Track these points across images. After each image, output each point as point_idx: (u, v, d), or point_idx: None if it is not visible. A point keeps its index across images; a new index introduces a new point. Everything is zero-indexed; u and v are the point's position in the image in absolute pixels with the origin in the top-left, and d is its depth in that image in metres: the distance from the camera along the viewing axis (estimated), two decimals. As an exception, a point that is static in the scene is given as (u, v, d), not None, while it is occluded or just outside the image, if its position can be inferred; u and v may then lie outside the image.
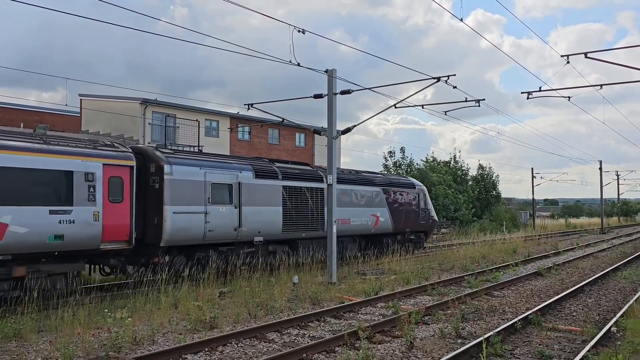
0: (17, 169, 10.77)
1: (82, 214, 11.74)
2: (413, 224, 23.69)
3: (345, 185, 19.68)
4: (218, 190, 14.83)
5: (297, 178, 17.76)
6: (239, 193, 15.34)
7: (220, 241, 14.91)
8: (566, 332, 9.72)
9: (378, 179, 22.44)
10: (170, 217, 13.46)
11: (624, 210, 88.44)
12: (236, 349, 8.34)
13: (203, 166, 14.67)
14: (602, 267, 19.69)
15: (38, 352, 7.99)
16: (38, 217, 11.01)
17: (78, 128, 31.97)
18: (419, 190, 24.51)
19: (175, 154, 14.61)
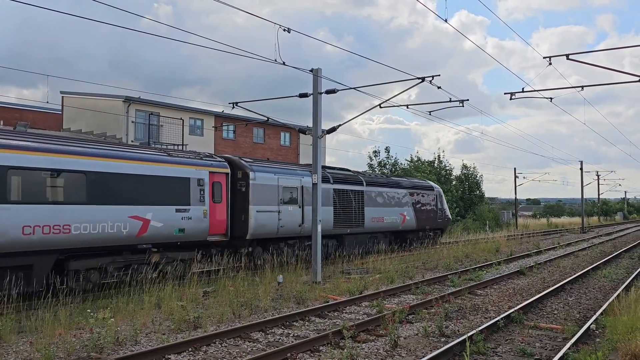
0: (154, 176, 13.67)
1: (196, 212, 14.66)
2: (432, 222, 26.71)
3: (380, 188, 22.81)
4: (287, 192, 17.73)
5: (343, 182, 20.55)
6: (302, 195, 18.16)
7: (289, 235, 17.70)
8: (547, 330, 9.85)
9: (404, 183, 25.60)
10: (254, 215, 16.24)
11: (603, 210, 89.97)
12: (220, 349, 8.30)
13: (276, 172, 17.51)
14: (583, 266, 19.99)
15: (18, 353, 7.85)
16: (168, 214, 13.87)
17: (59, 126, 31.51)
18: (437, 192, 27.70)
19: (256, 163, 17.54)
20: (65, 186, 11.90)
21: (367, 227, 21.69)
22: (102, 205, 12.40)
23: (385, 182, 24.04)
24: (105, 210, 12.44)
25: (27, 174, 11.16)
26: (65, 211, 11.72)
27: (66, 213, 11.71)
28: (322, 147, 16.30)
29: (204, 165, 15.28)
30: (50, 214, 11.41)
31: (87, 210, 12.10)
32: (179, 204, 14.20)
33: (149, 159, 13.76)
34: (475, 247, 25.48)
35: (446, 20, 13.35)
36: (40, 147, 11.55)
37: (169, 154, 14.77)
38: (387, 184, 24.00)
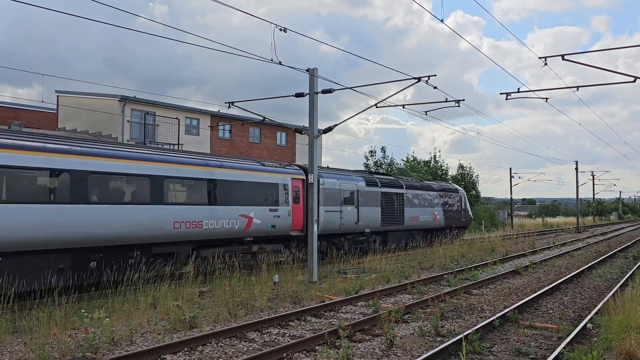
0: (255, 182, 16.77)
1: (283, 212, 17.65)
2: (457, 221, 30.22)
3: (416, 191, 26.12)
4: (346, 195, 20.71)
5: (388, 186, 23.76)
6: (357, 197, 21.22)
7: (347, 231, 20.70)
8: (543, 329, 9.89)
9: (435, 186, 29.02)
10: (323, 214, 19.04)
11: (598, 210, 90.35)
12: (216, 349, 8.29)
13: (338, 178, 20.56)
14: (578, 265, 20.07)
15: (12, 354, 7.82)
16: (264, 213, 16.84)
17: (55, 125, 31.39)
18: (461, 194, 31.32)
19: (324, 170, 20.96)
20: (201, 190, 15.01)
21: (406, 225, 24.90)
22: (222, 206, 15.48)
23: (420, 185, 27.34)
24: (224, 210, 15.50)
25: (178, 181, 14.59)
26: (200, 210, 14.71)
27: (200, 212, 14.68)
28: (318, 146, 16.29)
29: (287, 173, 18.36)
30: (190, 213, 14.39)
31: (212, 210, 15.11)
32: (271, 205, 17.32)
33: (251, 169, 17.02)
34: (471, 246, 25.55)
35: (442, 20, 13.36)
36: (188, 161, 15.02)
37: (263, 163, 17.90)
38: (422, 187, 27.23)
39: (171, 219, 13.77)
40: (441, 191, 28.79)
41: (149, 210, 13.29)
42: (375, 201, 22.40)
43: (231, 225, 15.64)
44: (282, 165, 18.80)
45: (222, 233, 15.40)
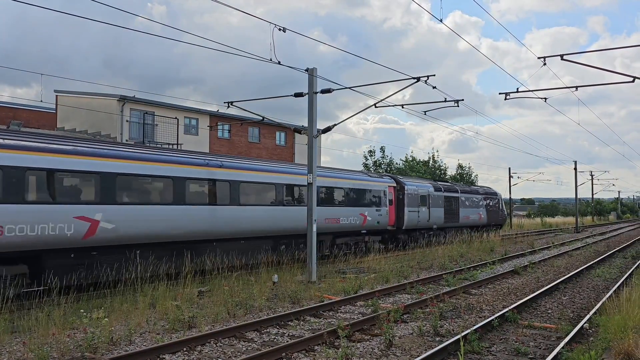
0: (368, 189, 22.64)
1: (384, 211, 23.60)
2: (496, 219, 36.61)
3: (467, 195, 32.22)
4: (422, 198, 26.37)
5: (448, 191, 29.70)
6: (429, 200, 27.09)
7: (422, 227, 26.53)
8: (542, 329, 9.90)
9: (480, 190, 35.19)
10: (407, 213, 25.11)
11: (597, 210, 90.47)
12: (215, 349, 8.29)
13: (417, 185, 26.51)
14: (577, 265, 20.09)
15: (11, 354, 7.81)
16: (374, 212, 22.71)
17: (53, 125, 31.35)
18: (499, 197, 37.64)
19: (407, 179, 27.23)
20: (340, 195, 21.03)
21: (460, 223, 30.78)
22: (351, 207, 21.40)
23: (470, 190, 33.31)
24: (351, 210, 21.36)
25: (329, 189, 20.25)
26: (339, 210, 20.71)
27: (339, 212, 20.66)
28: (317, 146, 16.30)
29: (385, 182, 24.42)
30: (333, 212, 20.23)
31: (345, 210, 20.93)
32: (377, 206, 23.19)
33: (365, 179, 23.16)
34: (470, 246, 25.55)
35: (441, 20, 13.36)
36: (338, 175, 21.23)
37: (370, 175, 24.64)
38: (471, 191, 33.19)
39: (322, 216, 18.85)
40: (484, 194, 34.82)
41: (321, 211, 18.58)
42: (440, 203, 28.41)
43: (355, 222, 21.54)
44: (380, 175, 25.97)
45: (349, 227, 21.29)
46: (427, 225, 26.93)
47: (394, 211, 24.47)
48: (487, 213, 34.51)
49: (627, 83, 14.80)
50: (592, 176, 66.95)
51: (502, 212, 38.17)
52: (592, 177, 67.18)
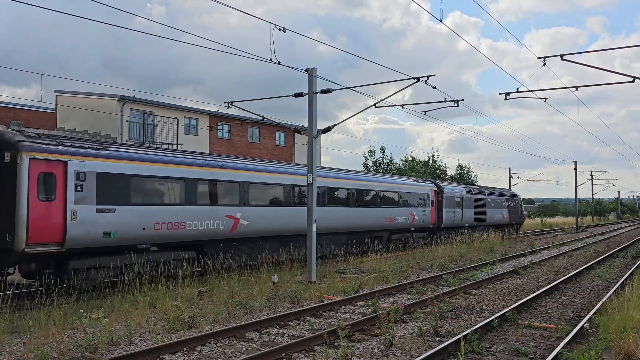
0: (416, 192, 26.36)
1: (428, 211, 27.25)
2: (516, 219, 39.62)
3: (493, 197, 35.53)
4: (457, 200, 30.11)
5: (476, 193, 33.17)
6: (462, 201, 30.67)
7: (457, 226, 30.21)
8: (542, 329, 9.89)
9: (503, 192, 38.55)
10: (445, 214, 28.65)
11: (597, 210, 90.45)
12: (215, 349, 8.28)
13: (452, 189, 30.10)
14: (577, 265, 20.09)
15: (11, 354, 7.81)
16: (420, 212, 26.41)
17: (53, 125, 31.35)
18: (519, 198, 41.03)
19: (444, 183, 30.87)
20: (394, 198, 24.53)
21: (487, 222, 34.02)
22: (403, 208, 25.19)
23: (494, 192, 36.60)
24: (404, 210, 25.15)
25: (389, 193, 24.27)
26: (395, 210, 24.30)
27: (394, 212, 24.21)
28: (317, 146, 16.30)
29: (428, 186, 28.15)
30: (390, 212, 23.89)
31: (399, 210, 24.80)
32: (423, 207, 26.80)
33: (414, 184, 26.98)
34: (470, 246, 25.55)
35: (441, 20, 13.36)
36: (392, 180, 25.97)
37: (416, 180, 28.40)
38: (495, 193, 36.55)
39: (383, 216, 23.38)
40: (507, 196, 38.31)
41: (376, 211, 23.08)
42: (471, 205, 31.94)
43: (406, 220, 25.15)
44: (424, 180, 29.74)
45: (402, 225, 24.85)
46: (460, 224, 30.65)
47: (434, 212, 28.25)
48: (509, 213, 37.87)
49: (627, 83, 14.81)
50: (592, 176, 66.94)
51: (522, 212, 41.57)
52: (592, 177, 67.19)
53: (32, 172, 11.25)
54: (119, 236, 12.71)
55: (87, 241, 12.13)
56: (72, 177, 11.87)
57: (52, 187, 11.59)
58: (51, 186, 11.58)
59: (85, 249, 12.19)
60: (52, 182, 11.59)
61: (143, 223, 13.24)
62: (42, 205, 11.42)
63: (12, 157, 11.27)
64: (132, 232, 12.99)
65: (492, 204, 34.82)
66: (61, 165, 11.75)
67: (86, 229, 12.05)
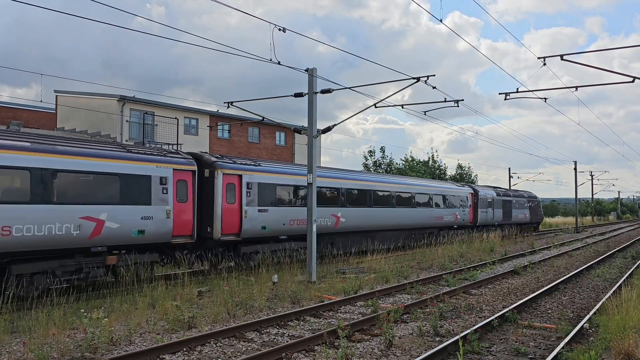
0: (457, 195, 30.33)
1: (467, 212, 31.64)
2: (536, 218, 43.94)
3: (517, 198, 39.83)
4: (489, 202, 34.43)
5: (504, 195, 37.44)
6: (493, 203, 35.01)
7: (489, 224, 34.21)
8: (541, 329, 9.89)
9: (525, 194, 42.52)
10: (480, 213, 32.98)
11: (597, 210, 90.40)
12: (215, 349, 8.29)
13: (486, 192, 34.34)
14: (577, 265, 20.09)
15: (11, 354, 7.81)
16: (462, 212, 30.82)
17: (53, 125, 31.35)
18: (538, 200, 45.28)
19: (479, 187, 35.08)
20: (442, 200, 28.55)
21: (512, 221, 38.24)
22: (449, 208, 29.19)
23: (518, 194, 40.92)
24: (449, 210, 29.28)
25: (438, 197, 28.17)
26: (442, 211, 28.43)
27: (442, 212, 28.43)
28: (317, 146, 16.30)
29: (467, 190, 32.54)
30: (439, 213, 28.13)
31: (445, 210, 28.70)
32: (463, 208, 31.13)
33: (456, 188, 31.31)
34: (470, 246, 25.54)
35: (441, 20, 13.36)
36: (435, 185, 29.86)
37: (457, 185, 33.07)
38: (519, 195, 40.77)
39: (434, 216, 27.90)
40: (528, 198, 42.27)
41: (430, 211, 27.61)
42: (500, 206, 36.13)
43: (450, 219, 29.58)
44: (463, 184, 34.46)
45: (447, 223, 29.31)
46: (492, 222, 34.86)
47: (472, 212, 32.56)
48: (530, 213, 42.29)
49: (627, 83, 14.81)
50: (592, 176, 66.93)
51: (540, 212, 45.87)
52: (592, 177, 67.17)
53: (223, 182, 15.85)
54: (269, 229, 17.27)
55: (252, 233, 16.64)
56: (245, 186, 16.44)
57: (234, 193, 16.15)
58: (233, 193, 16.13)
59: (250, 238, 16.64)
60: (234, 189, 16.16)
61: (283, 220, 17.84)
62: (229, 206, 15.96)
63: (210, 173, 15.85)
64: (277, 227, 17.62)
65: (516, 205, 39.15)
66: (238, 177, 16.31)
67: (252, 224, 16.61)
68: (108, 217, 12.52)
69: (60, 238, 11.54)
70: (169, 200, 14.04)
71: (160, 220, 13.76)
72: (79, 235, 11.88)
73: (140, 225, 13.23)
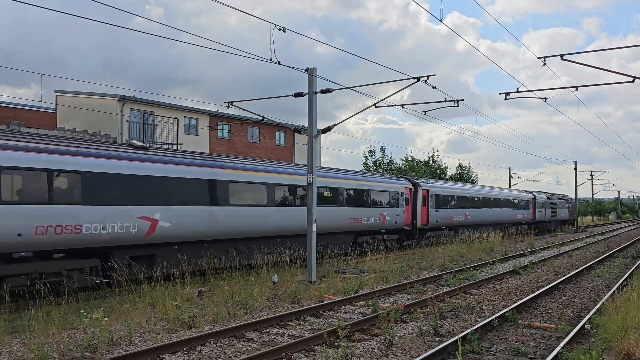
0: (520, 199, 41.14)
1: (529, 212, 42.88)
2: (572, 216, 52.90)
3: (560, 200, 48.95)
4: (542, 203, 44.08)
5: (550, 198, 46.20)
6: (544, 204, 44.84)
7: (543, 220, 44.78)
8: (541, 329, 9.89)
9: (565, 197, 51.97)
10: (537, 213, 43.38)
11: (597, 210, 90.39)
12: (215, 349, 8.28)
13: (540, 196, 44.33)
14: (577, 265, 20.09)
15: (11, 354, 7.81)
16: (525, 213, 42.01)
17: (53, 125, 31.34)
18: (573, 201, 53.58)
19: (536, 192, 44.95)
20: (508, 203, 38.18)
21: (557, 218, 47.64)
22: (516, 209, 39.50)
23: (559, 197, 49.75)
24: (517, 210, 39.57)
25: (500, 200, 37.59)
26: (508, 211, 38.36)
27: (508, 212, 38.32)
28: (317, 146, 16.30)
29: (529, 195, 41.96)
30: (501, 213, 37.03)
31: (514, 210, 39.38)
32: (526, 209, 40.99)
33: (521, 195, 41.06)
34: (470, 246, 25.55)
35: (441, 20, 13.36)
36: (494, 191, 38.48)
37: (523, 191, 42.38)
38: (559, 198, 49.78)
39: (511, 214, 38.32)
40: (566, 200, 51.86)
41: (508, 211, 37.48)
42: (549, 207, 45.71)
43: (520, 217, 39.69)
44: (525, 191, 43.05)
45: (519, 219, 39.34)
46: (544, 219, 44.77)
47: (533, 211, 42.69)
48: (568, 212, 51.82)
49: (627, 83, 14.81)
50: (592, 176, 66.93)
51: (574, 211, 54.23)
52: (592, 177, 67.16)
53: (422, 194, 26.86)
54: (439, 222, 28.38)
55: (436, 224, 27.95)
56: (433, 197, 27.60)
57: (426, 201, 26.80)
58: (425, 200, 26.81)
59: (431, 228, 27.56)
60: (426, 198, 26.83)
61: (454, 214, 29.97)
62: (424, 209, 26.83)
63: (415, 188, 26.63)
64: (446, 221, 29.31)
65: (559, 205, 48.54)
66: (427, 191, 27.15)
67: (435, 219, 27.96)
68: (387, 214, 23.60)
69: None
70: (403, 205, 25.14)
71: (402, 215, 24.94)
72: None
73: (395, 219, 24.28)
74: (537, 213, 43.00)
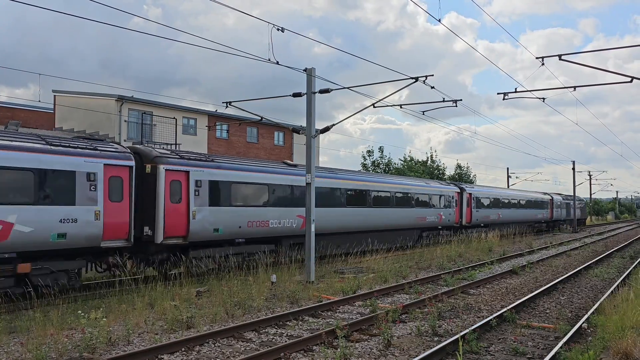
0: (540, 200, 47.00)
1: (547, 212, 48.77)
2: (584, 216, 57.79)
3: (568, 201, 53.18)
4: (559, 204, 50.82)
5: (564, 199, 52.16)
6: (560, 205, 51.11)
7: (559, 219, 51.22)
8: (540, 329, 9.91)
9: (578, 198, 55.45)
10: (554, 212, 49.57)
11: (595, 210, 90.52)
12: (213, 349, 8.28)
13: (556, 197, 50.96)
14: (575, 265, 20.11)
15: (9, 354, 7.80)
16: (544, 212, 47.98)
17: (51, 125, 31.30)
18: (585, 201, 58.90)
19: (552, 194, 51.57)
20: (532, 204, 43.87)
21: (571, 217, 50.32)
22: (538, 209, 45.26)
23: (571, 199, 52.81)
24: (538, 210, 45.32)
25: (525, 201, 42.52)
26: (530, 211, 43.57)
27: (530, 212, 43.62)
28: (315, 146, 16.31)
29: (548, 197, 48.02)
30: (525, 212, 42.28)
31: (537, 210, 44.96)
32: (546, 209, 46.95)
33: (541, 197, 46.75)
34: (468, 246, 25.56)
35: (440, 20, 13.37)
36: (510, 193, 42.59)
37: (542, 193, 48.13)
38: (571, 199, 53.10)
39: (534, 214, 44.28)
40: (579, 201, 55.71)
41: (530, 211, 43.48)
42: (564, 207, 51.06)
43: (540, 216, 45.72)
44: (544, 193, 46.32)
45: (539, 218, 45.74)
46: (560, 218, 50.29)
47: (551, 211, 47.82)
48: (581, 212, 56.49)
49: (625, 83, 14.84)
50: (590, 176, 67.02)
51: (585, 211, 60.08)
52: (590, 177, 67.26)
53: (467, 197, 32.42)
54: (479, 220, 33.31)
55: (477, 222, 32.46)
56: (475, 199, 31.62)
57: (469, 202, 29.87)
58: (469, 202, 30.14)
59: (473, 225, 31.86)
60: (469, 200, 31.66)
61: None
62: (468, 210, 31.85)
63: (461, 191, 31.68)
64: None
65: (571, 205, 52.55)
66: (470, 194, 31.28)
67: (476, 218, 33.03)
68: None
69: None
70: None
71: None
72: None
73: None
74: (555, 212, 48.91)
